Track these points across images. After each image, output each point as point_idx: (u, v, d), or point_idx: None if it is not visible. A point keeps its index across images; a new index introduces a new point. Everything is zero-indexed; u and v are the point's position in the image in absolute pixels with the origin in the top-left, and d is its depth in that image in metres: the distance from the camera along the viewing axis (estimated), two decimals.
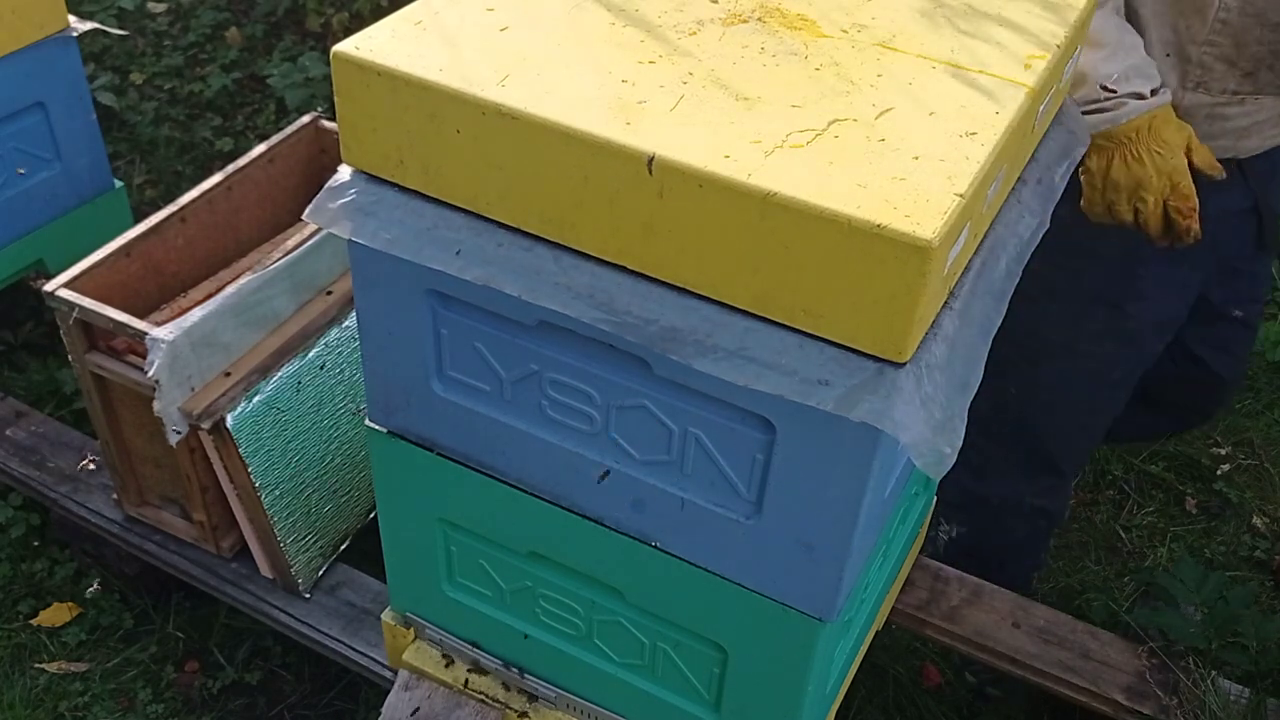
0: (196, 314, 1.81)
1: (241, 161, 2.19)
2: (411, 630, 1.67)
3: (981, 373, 1.15)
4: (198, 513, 2.01)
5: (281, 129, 2.35)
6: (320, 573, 2.03)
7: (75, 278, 1.91)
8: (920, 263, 0.98)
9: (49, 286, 1.88)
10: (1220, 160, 1.66)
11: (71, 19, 2.42)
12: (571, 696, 1.58)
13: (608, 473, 1.31)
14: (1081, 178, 1.65)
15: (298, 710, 2.13)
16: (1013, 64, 1.21)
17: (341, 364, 1.99)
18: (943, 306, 1.12)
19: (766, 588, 1.29)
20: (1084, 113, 1.55)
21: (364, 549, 2.08)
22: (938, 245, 0.97)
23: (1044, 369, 1.92)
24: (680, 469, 1.27)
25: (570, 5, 1.26)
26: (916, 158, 1.06)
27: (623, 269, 1.13)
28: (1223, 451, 2.68)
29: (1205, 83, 1.65)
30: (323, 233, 1.96)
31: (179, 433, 1.83)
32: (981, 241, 1.20)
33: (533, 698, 1.61)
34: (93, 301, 1.86)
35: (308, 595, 2.01)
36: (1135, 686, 1.86)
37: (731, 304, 1.09)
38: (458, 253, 1.19)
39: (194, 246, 2.13)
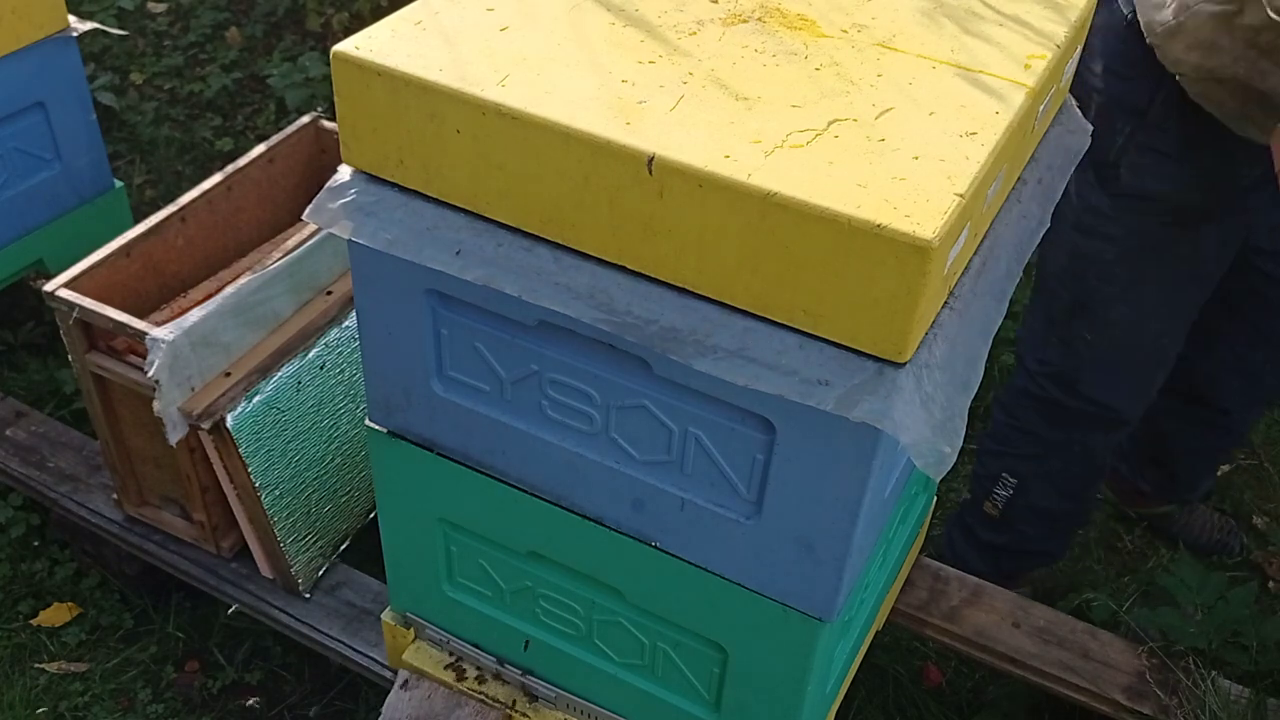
0: (196, 314, 1.81)
1: (241, 161, 2.19)
2: (411, 630, 1.67)
3: (982, 372, 1.15)
4: (198, 513, 2.01)
5: (281, 129, 2.35)
6: (320, 573, 2.03)
7: (75, 278, 1.90)
8: (920, 262, 0.98)
9: (49, 286, 1.88)
10: None
11: (71, 19, 2.42)
12: (571, 696, 1.58)
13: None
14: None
15: (298, 710, 2.13)
16: (1013, 64, 1.21)
17: (341, 364, 1.99)
18: (943, 306, 1.12)
19: (766, 588, 1.29)
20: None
21: (364, 549, 2.08)
22: (938, 245, 0.97)
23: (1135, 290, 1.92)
24: (680, 469, 1.27)
25: (570, 5, 1.26)
26: (916, 158, 1.06)
27: (623, 269, 1.13)
28: None
29: None
30: (323, 233, 1.96)
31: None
32: (981, 241, 1.20)
33: (533, 698, 1.61)
34: (93, 301, 1.86)
35: (308, 595, 2.01)
36: (1135, 686, 1.86)
37: (731, 304, 1.09)
38: (458, 253, 1.19)
39: (194, 246, 2.13)
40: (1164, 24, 1.68)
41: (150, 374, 1.77)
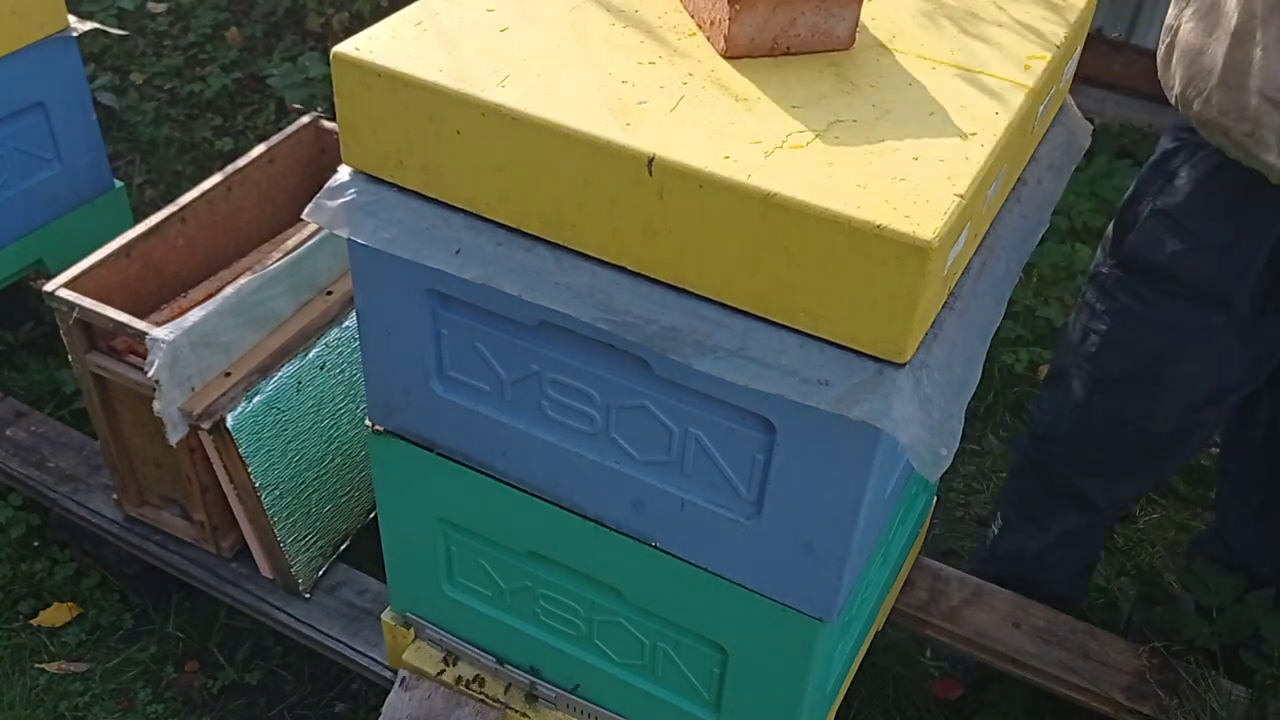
0: (196, 314, 1.81)
1: (241, 161, 2.19)
2: (411, 630, 1.67)
3: (980, 373, 1.15)
4: (198, 513, 2.01)
5: (281, 129, 2.35)
6: (320, 573, 2.03)
7: (75, 278, 1.91)
8: (920, 263, 0.98)
9: (49, 286, 1.88)
10: None
11: (71, 19, 2.42)
12: (571, 696, 1.58)
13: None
14: None
15: (298, 710, 2.12)
16: (1013, 64, 1.21)
17: (341, 364, 1.99)
18: (943, 306, 1.12)
19: (766, 588, 1.29)
20: None
21: (364, 549, 2.08)
22: (938, 245, 0.97)
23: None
24: (680, 469, 1.27)
25: (570, 6, 1.26)
26: (916, 158, 1.06)
27: (623, 269, 1.13)
28: None
29: None
30: (323, 233, 1.96)
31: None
32: (981, 241, 1.20)
33: (533, 697, 1.61)
34: (93, 301, 1.86)
35: (308, 595, 2.01)
36: (1135, 686, 1.86)
37: (731, 304, 1.09)
38: (457, 252, 1.19)
39: (194, 246, 2.13)
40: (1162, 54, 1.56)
41: (150, 374, 1.77)
